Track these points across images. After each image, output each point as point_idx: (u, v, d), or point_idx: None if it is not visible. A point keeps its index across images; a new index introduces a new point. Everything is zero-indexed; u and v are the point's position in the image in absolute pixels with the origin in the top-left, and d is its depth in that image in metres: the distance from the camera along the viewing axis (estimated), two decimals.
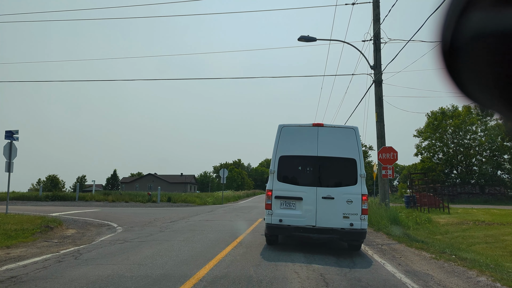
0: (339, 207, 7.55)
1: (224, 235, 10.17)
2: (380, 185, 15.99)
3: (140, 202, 30.05)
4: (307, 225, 7.58)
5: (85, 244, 9.03)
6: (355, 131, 7.99)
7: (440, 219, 16.06)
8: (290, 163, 8.17)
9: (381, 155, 15.34)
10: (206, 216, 17.23)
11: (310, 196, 7.69)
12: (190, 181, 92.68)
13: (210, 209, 22.50)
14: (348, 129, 8.13)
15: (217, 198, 34.20)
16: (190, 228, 11.99)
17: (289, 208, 7.75)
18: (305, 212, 7.64)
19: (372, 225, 12.96)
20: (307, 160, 8.13)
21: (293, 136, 8.12)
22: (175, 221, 14.50)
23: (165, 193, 33.03)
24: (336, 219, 7.50)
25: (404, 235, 10.38)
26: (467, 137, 39.55)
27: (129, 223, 13.86)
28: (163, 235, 10.11)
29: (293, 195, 7.77)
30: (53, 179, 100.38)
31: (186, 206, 28.31)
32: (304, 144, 8.03)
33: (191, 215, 17.58)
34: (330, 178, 7.98)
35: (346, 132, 8.08)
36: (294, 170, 8.36)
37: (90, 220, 14.98)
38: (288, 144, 8.07)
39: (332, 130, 8.11)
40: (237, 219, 15.64)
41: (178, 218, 15.83)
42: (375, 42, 16.27)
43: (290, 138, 8.10)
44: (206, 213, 18.94)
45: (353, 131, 7.99)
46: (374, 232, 11.75)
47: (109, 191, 35.17)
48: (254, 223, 13.95)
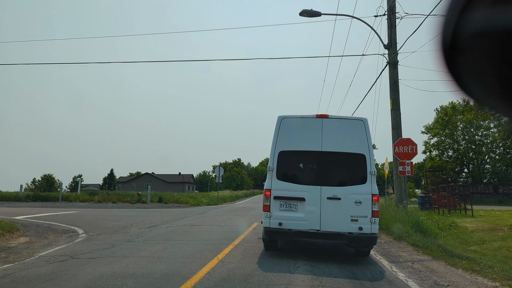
0: (346, 208, 6.71)
1: (205, 247, 7.90)
2: (396, 184, 13.67)
3: (129, 203, 27.81)
4: (310, 229, 6.72)
5: (18, 261, 6.81)
6: (364, 123, 7.12)
7: (466, 223, 13.75)
8: (291, 160, 7.27)
9: (398, 149, 13.05)
10: (194, 219, 14.96)
11: (314, 196, 6.85)
12: (188, 181, 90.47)
13: (202, 211, 20.22)
14: (356, 121, 7.19)
15: (213, 199, 31.93)
16: (167, 236, 9.72)
17: (290, 210, 6.89)
18: (308, 215, 6.80)
19: (390, 232, 10.67)
20: (310, 156, 7.23)
21: (295, 129, 7.25)
22: (154, 226, 12.23)
23: (157, 193, 30.77)
24: (343, 223, 6.65)
25: (436, 248, 8.09)
26: (479, 133, 37.18)
27: (98, 229, 11.63)
28: (126, 248, 7.84)
29: (294, 195, 6.91)
30: (49, 179, 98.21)
31: (177, 207, 26.06)
32: (306, 138, 7.17)
33: (177, 218, 15.32)
34: (336, 176, 7.08)
35: (354, 124, 7.15)
36: (295, 167, 7.45)
37: (56, 225, 12.74)
38: (288, 138, 7.20)
39: (338, 122, 7.19)
40: (228, 223, 13.36)
41: (160, 222, 13.57)
42: (390, 17, 13.97)
43: (291, 131, 7.23)
44: (195, 216, 16.67)
45: (362, 123, 7.11)
46: (395, 242, 9.46)
47: (96, 191, 32.90)
48: (248, 228, 11.68)
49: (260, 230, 11.29)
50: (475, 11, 0.63)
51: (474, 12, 0.63)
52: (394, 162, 13.61)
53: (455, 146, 37.82)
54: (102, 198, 28.11)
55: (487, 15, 0.62)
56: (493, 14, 0.61)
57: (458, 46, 0.67)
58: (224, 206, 27.29)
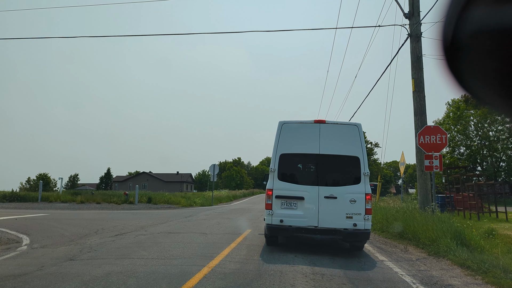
0: (342, 207, 7.22)
1: (167, 271, 5.48)
2: (419, 183, 11.22)
3: (114, 204, 25.44)
4: (309, 226, 7.25)
5: None
6: (358, 128, 7.63)
7: (505, 230, 11.32)
8: (291, 161, 7.76)
9: (423, 139, 10.63)
10: (176, 224, 12.56)
11: (312, 195, 7.36)
12: (186, 180, 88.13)
13: (191, 213, 17.81)
14: (351, 126, 7.71)
15: (207, 199, 29.54)
16: (126, 251, 7.31)
17: (290, 208, 7.40)
18: (306, 212, 7.31)
19: (420, 244, 8.27)
20: (308, 158, 7.73)
21: (294, 133, 7.74)
22: (122, 235, 9.85)
23: (146, 193, 28.39)
24: (339, 220, 7.17)
25: (497, 269, 5.67)
26: (493, 128, 34.66)
27: (50, 238, 9.32)
28: (52, 274, 5.43)
29: (294, 195, 7.41)
30: (44, 178, 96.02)
31: (167, 208, 23.67)
32: (305, 141, 7.65)
33: (156, 223, 12.93)
34: (332, 177, 7.58)
35: (349, 129, 7.67)
36: (295, 168, 7.93)
37: (3, 233, 10.42)
38: (289, 141, 7.70)
39: (334, 127, 7.71)
40: (215, 230, 10.95)
41: (133, 229, 11.19)
42: None
43: (291, 135, 7.73)
44: (179, 219, 14.27)
45: (356, 128, 7.63)
46: (432, 260, 7.02)
47: (79, 191, 30.54)
48: (237, 238, 9.26)
49: (251, 240, 8.94)
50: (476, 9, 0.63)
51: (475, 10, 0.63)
52: (418, 155, 11.18)
53: (468, 143, 35.31)
54: (85, 199, 25.72)
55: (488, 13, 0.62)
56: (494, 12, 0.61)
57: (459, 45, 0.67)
58: (218, 207, 24.88)
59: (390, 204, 14.66)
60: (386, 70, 46.99)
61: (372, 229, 10.68)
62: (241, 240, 9.01)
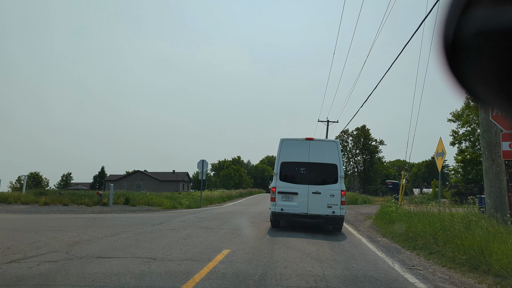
0: (324, 199, 10.17)
1: None
2: (488, 178, 7.41)
3: (85, 205, 21.71)
4: (301, 213, 10.27)
5: None
6: (337, 144, 10.71)
7: None
8: (289, 167, 10.68)
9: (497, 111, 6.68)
10: (126, 239, 8.77)
11: (304, 191, 10.35)
12: (183, 179, 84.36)
13: (163, 219, 14.01)
14: (331, 142, 10.93)
15: (196, 200, 25.76)
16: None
17: (288, 200, 10.37)
18: (299, 203, 10.31)
19: (499, 283, 4.48)
20: (301, 165, 10.61)
21: (291, 147, 10.69)
22: (18, 262, 6.08)
23: (125, 192, 24.66)
24: (322, 208, 10.15)
25: None
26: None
27: None
28: None
29: (291, 191, 10.41)
30: (35, 177, 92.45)
31: (144, 211, 19.88)
32: (299, 153, 10.60)
33: (103, 236, 9.16)
34: (318, 178, 10.50)
35: (330, 144, 10.81)
36: (292, 172, 10.70)
37: None
38: (287, 153, 10.65)
39: (319, 143, 10.90)
40: (172, 251, 7.13)
41: (54, 248, 7.45)
42: None
43: (288, 148, 10.68)
44: (140, 230, 10.51)
45: (335, 143, 10.73)
46: None
47: (45, 191, 26.82)
48: (201, 270, 5.46)
49: (224, 275, 5.13)
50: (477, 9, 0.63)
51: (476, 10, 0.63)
52: (485, 136, 7.33)
53: None
54: (51, 200, 21.97)
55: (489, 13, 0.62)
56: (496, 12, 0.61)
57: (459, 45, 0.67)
58: (205, 210, 21.06)
59: (428, 208, 10.87)
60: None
61: (415, 249, 7.19)
62: (205, 275, 5.22)
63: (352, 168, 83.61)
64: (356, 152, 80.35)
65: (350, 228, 12.56)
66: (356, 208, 22.34)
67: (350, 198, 28.30)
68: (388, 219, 12.76)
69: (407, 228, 9.32)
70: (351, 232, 11.52)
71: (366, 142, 78.44)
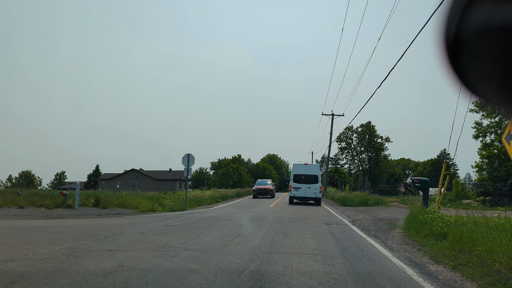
0: (313, 190, 23.58)
1: None
2: None
3: (45, 208, 18.13)
4: (303, 196, 23.74)
5: None
6: (318, 166, 26.15)
7: None
8: (297, 176, 23.96)
9: None
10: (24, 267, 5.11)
11: (304, 187, 23.61)
12: (179, 178, 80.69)
13: (120, 229, 10.36)
14: (315, 165, 26.25)
15: (182, 201, 22.04)
16: None
17: (297, 190, 23.77)
18: (302, 192, 23.63)
19: None
20: (302, 175, 23.92)
21: (298, 167, 24.49)
22: None
23: (97, 192, 21.09)
24: (312, 194, 23.63)
25: None
26: None
27: None
28: None
29: (298, 186, 23.73)
30: (27, 176, 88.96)
31: (115, 215, 16.20)
32: (301, 170, 24.30)
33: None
34: (309, 181, 23.77)
35: (315, 165, 25.80)
36: (298, 178, 23.92)
37: None
38: (296, 170, 24.41)
39: (310, 165, 25.35)
40: None
41: None
42: None
43: (296, 168, 24.53)
44: (64, 248, 6.87)
45: (317, 165, 25.95)
46: None
47: (0, 190, 23.29)
48: None
49: None
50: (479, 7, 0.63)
51: (477, 8, 0.63)
52: None
53: None
54: (4, 201, 18.38)
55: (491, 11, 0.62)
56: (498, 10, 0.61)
57: (461, 43, 0.67)
58: (188, 213, 17.34)
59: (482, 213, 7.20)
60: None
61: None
62: None
63: (357, 167, 79.81)
64: (361, 150, 76.56)
65: (375, 243, 8.83)
66: (370, 212, 18.56)
67: (360, 199, 24.55)
68: (428, 230, 9.08)
69: (485, 250, 5.65)
70: (380, 250, 7.82)
71: (371, 139, 74.61)
